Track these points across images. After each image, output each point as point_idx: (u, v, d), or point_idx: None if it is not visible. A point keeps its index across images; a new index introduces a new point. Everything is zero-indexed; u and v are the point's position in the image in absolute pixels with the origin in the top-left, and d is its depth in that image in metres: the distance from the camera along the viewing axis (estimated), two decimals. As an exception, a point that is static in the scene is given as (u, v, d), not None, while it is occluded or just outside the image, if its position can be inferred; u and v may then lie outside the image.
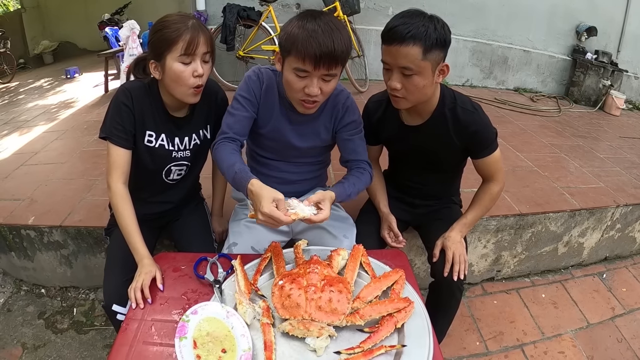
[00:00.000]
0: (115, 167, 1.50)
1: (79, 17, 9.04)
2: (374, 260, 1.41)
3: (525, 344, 2.19)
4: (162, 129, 1.59)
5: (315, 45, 1.28)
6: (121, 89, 1.51)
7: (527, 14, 5.57)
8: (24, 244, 2.38)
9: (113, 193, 1.50)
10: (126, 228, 1.49)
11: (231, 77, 4.83)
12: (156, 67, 1.45)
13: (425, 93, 1.51)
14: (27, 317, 2.33)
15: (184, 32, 1.37)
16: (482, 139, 1.62)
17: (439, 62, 1.44)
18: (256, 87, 1.53)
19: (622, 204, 2.75)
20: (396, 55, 1.41)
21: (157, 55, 1.42)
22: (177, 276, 1.42)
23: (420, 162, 1.78)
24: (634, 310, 2.50)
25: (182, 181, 1.77)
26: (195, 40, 1.37)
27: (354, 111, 1.63)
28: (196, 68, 1.41)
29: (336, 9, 4.34)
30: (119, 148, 1.50)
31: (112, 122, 1.49)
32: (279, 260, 1.37)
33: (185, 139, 1.64)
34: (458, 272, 1.63)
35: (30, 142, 3.61)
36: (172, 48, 1.37)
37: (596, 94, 5.49)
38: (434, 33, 1.37)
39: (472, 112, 1.60)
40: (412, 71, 1.42)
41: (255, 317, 1.19)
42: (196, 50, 1.39)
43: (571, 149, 3.74)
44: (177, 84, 1.44)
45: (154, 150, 1.60)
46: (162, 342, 1.16)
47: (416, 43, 1.37)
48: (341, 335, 1.15)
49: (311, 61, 1.30)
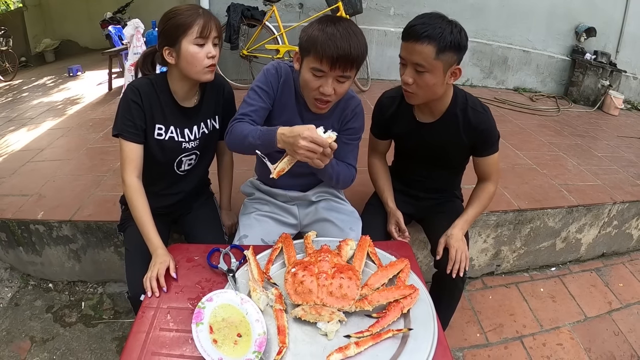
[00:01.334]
0: (129, 162, 1.57)
1: (80, 15, 9.07)
2: (380, 251, 1.47)
3: (525, 336, 2.23)
4: (171, 120, 1.65)
5: (333, 47, 1.34)
6: (129, 88, 1.58)
7: (527, 14, 5.60)
8: (33, 238, 2.41)
9: (127, 186, 1.56)
10: (140, 219, 1.55)
11: (235, 75, 4.87)
12: (170, 53, 1.53)
13: (435, 91, 1.57)
14: (35, 311, 2.36)
15: (197, 17, 1.47)
16: (487, 138, 1.69)
17: (451, 64, 1.51)
18: (274, 80, 1.58)
19: (619, 201, 2.80)
20: (411, 51, 1.49)
21: (171, 41, 1.51)
22: (191, 266, 1.47)
23: (429, 158, 1.84)
24: (630, 304, 2.55)
25: (193, 171, 1.83)
26: (208, 24, 1.48)
27: (360, 119, 1.70)
28: (210, 50, 1.51)
29: (339, 9, 4.38)
30: (130, 143, 1.56)
31: (122, 120, 1.56)
32: (289, 250, 1.42)
33: (194, 128, 1.71)
34: (458, 270, 1.69)
35: (36, 139, 3.64)
36: (188, 32, 1.47)
37: (595, 94, 5.53)
38: (449, 36, 1.45)
39: (482, 113, 1.67)
40: (424, 68, 1.49)
41: (268, 303, 1.24)
42: (210, 34, 1.50)
43: (569, 147, 3.78)
44: (192, 65, 1.52)
45: (164, 143, 1.65)
46: (178, 329, 1.21)
47: (430, 42, 1.44)
48: (350, 320, 1.21)
49: (328, 62, 1.37)
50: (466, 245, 1.73)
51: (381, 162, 2.00)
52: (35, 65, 8.56)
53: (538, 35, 5.75)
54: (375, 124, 1.92)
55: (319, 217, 1.81)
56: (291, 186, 1.81)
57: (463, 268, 1.69)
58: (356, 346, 1.08)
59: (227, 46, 4.63)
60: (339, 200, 1.89)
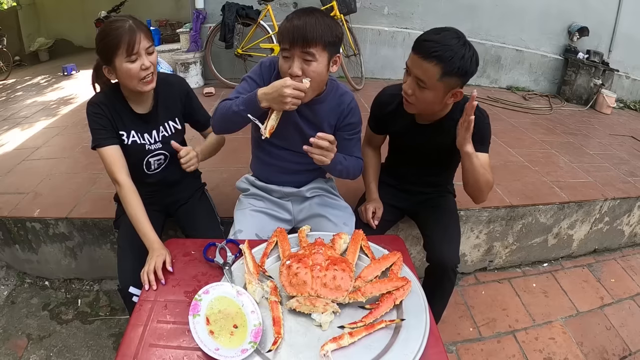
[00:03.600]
0: (114, 163, 1.63)
1: (75, 14, 9.04)
2: (373, 245, 1.49)
3: (517, 330, 2.27)
4: (131, 126, 1.71)
5: (290, 26, 1.43)
6: (88, 106, 1.64)
7: (520, 14, 5.64)
8: (29, 236, 2.42)
9: (121, 186, 1.62)
10: (135, 217, 1.60)
11: (229, 74, 4.89)
12: (109, 71, 1.58)
13: (432, 108, 1.60)
14: (31, 308, 2.37)
15: (123, 35, 1.48)
16: (482, 137, 1.67)
17: (454, 87, 1.51)
18: (267, 72, 1.63)
19: (610, 198, 2.84)
20: (417, 65, 1.49)
21: (107, 61, 1.55)
22: (188, 260, 1.49)
23: (423, 155, 1.86)
24: (622, 300, 2.59)
25: (164, 172, 1.87)
26: (133, 40, 1.49)
27: (356, 113, 1.72)
28: (143, 62, 1.53)
29: (333, 8, 4.39)
30: (109, 147, 1.63)
31: (94, 132, 1.63)
32: (284, 244, 1.44)
33: (153, 132, 1.76)
34: None
35: (31, 138, 3.64)
36: (117, 52, 1.50)
37: (587, 93, 5.57)
38: (458, 61, 1.44)
39: (479, 116, 1.62)
40: (425, 85, 1.50)
41: (263, 295, 1.26)
42: (138, 49, 1.51)
43: (562, 145, 3.82)
44: (130, 80, 1.56)
45: (128, 147, 1.71)
46: (175, 321, 1.23)
47: (438, 64, 1.44)
48: (344, 311, 1.23)
49: (287, 40, 1.44)
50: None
51: (374, 153, 2.03)
52: (29, 64, 8.52)
53: (531, 34, 5.79)
54: (372, 118, 1.94)
55: (313, 212, 1.84)
56: (286, 182, 1.84)
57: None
58: (350, 336, 1.10)
59: (221, 45, 4.66)
60: (333, 196, 1.92)
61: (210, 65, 4.84)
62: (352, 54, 4.81)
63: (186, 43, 5.12)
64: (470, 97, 1.45)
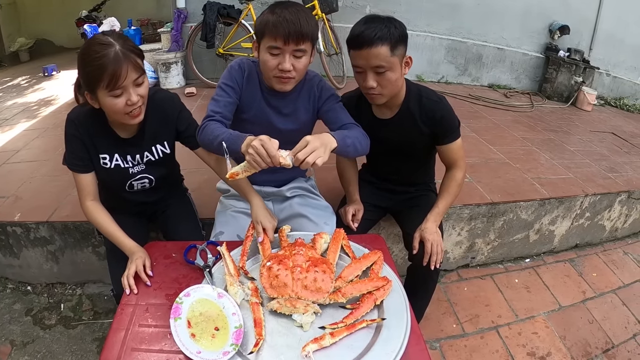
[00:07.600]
0: (81, 191, 1.61)
1: (56, 14, 8.89)
2: (354, 244, 1.50)
3: (500, 326, 2.29)
4: (114, 150, 1.62)
5: (284, 23, 1.43)
6: (68, 121, 1.54)
7: (502, 12, 5.70)
8: (10, 241, 2.38)
9: (86, 212, 1.61)
10: (108, 232, 1.60)
11: (211, 74, 4.87)
12: (92, 98, 1.42)
13: (397, 85, 1.65)
14: (14, 314, 2.33)
15: (106, 67, 1.30)
16: (447, 125, 1.75)
17: (403, 55, 1.60)
18: (238, 75, 1.64)
19: (591, 194, 2.88)
20: (368, 57, 1.55)
21: (89, 89, 1.39)
22: (169, 263, 1.49)
23: (395, 151, 1.88)
24: (604, 293, 2.63)
25: (150, 191, 1.81)
26: (118, 73, 1.32)
27: (329, 88, 1.75)
28: (129, 97, 1.38)
29: (315, 7, 4.41)
30: (78, 174, 1.59)
31: (68, 152, 1.57)
32: (265, 244, 1.45)
33: (137, 157, 1.67)
34: (435, 262, 1.73)
35: (11, 141, 3.57)
36: (100, 84, 1.33)
37: (568, 90, 5.65)
38: (395, 31, 1.54)
39: (437, 101, 1.75)
40: (384, 68, 1.56)
41: (244, 297, 1.26)
42: (124, 83, 1.35)
43: (543, 142, 3.86)
44: (113, 114, 1.44)
45: (110, 171, 1.64)
46: (157, 324, 1.23)
47: (384, 43, 1.52)
48: (325, 312, 1.24)
49: (282, 38, 1.44)
50: (441, 237, 1.77)
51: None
52: (9, 65, 8.35)
53: (512, 33, 5.85)
54: None
55: (294, 212, 1.85)
56: (266, 182, 1.85)
57: (439, 261, 1.73)
58: (331, 336, 1.12)
59: (203, 44, 4.65)
60: (313, 196, 1.93)
61: (191, 65, 4.81)
62: (334, 52, 4.80)
63: (167, 43, 5.06)
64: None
